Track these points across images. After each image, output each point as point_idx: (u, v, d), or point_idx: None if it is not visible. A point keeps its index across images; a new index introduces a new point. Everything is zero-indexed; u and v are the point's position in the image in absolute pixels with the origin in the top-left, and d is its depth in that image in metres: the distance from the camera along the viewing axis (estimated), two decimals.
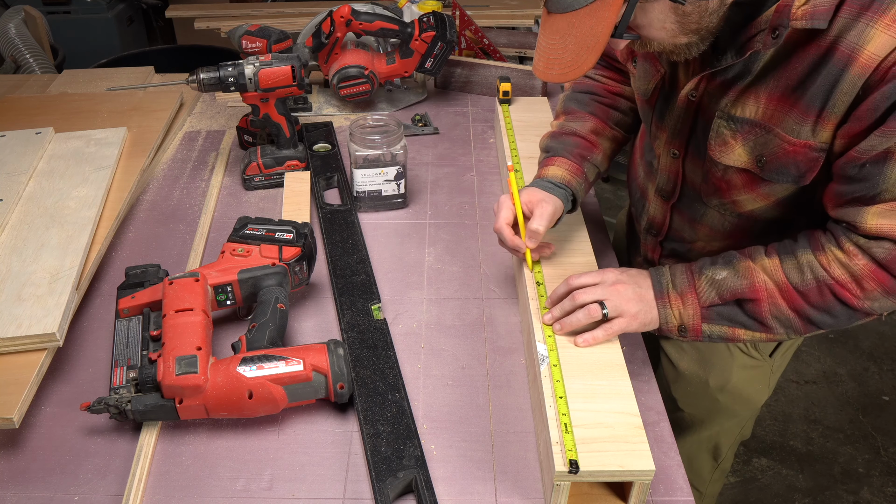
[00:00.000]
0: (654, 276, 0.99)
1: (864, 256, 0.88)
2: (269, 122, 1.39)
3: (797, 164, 0.92)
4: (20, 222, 1.21)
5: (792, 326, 0.94)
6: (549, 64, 0.88)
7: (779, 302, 0.92)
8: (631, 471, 0.80)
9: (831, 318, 0.92)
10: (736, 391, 1.26)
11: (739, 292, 0.93)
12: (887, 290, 0.88)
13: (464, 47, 1.91)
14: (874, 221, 0.87)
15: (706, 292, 0.95)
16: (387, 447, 0.90)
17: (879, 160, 0.84)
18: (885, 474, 2.13)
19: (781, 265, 0.93)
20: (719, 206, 1.05)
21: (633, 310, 0.97)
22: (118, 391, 0.93)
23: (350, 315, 1.10)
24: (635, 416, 0.86)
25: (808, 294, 0.91)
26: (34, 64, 2.33)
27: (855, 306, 0.90)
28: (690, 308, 0.96)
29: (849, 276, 0.89)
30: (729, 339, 0.97)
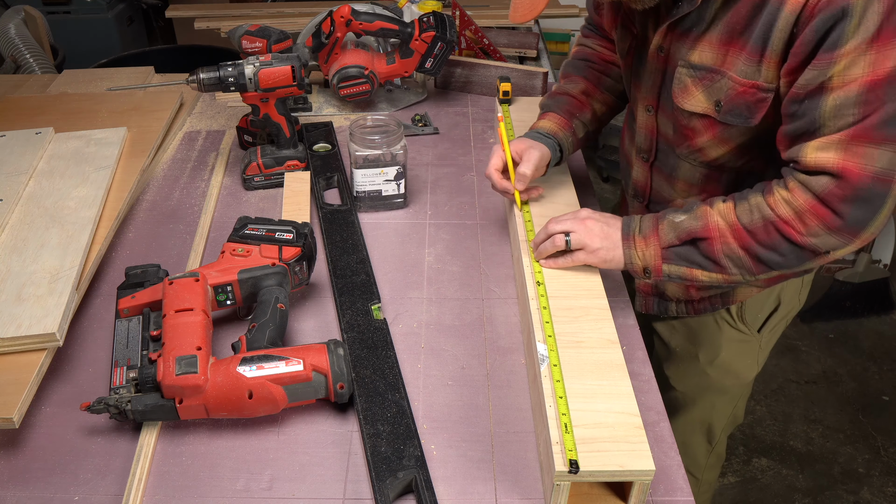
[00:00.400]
0: (625, 221, 1.05)
1: (805, 192, 0.92)
2: (269, 122, 1.39)
3: (747, 105, 0.98)
4: (20, 222, 1.21)
5: (743, 265, 0.98)
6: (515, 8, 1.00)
7: (730, 241, 0.97)
8: (631, 471, 0.80)
9: (779, 256, 0.96)
10: (725, 365, 1.31)
11: (694, 232, 0.99)
12: (827, 224, 0.92)
13: (464, 47, 1.91)
14: (813, 155, 0.91)
15: (666, 234, 1.01)
16: (387, 447, 0.90)
17: (815, 94, 0.89)
18: (885, 474, 2.13)
19: (734, 208, 0.98)
20: (689, 157, 1.11)
21: (596, 244, 1.04)
22: (118, 391, 0.93)
23: (350, 315, 1.10)
24: (635, 416, 0.86)
25: (755, 232, 0.95)
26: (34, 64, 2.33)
27: (799, 242, 0.93)
28: (652, 249, 1.02)
29: (792, 212, 0.93)
30: (687, 279, 1.02)
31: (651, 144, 1.17)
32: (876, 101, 0.87)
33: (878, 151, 0.88)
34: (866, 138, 0.88)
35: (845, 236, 0.92)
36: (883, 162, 0.88)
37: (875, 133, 0.88)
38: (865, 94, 0.87)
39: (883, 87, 0.86)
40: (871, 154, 0.88)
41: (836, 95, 0.88)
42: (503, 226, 1.33)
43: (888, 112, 0.87)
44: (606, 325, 0.99)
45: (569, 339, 0.96)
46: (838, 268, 2.68)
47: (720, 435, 1.45)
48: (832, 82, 0.87)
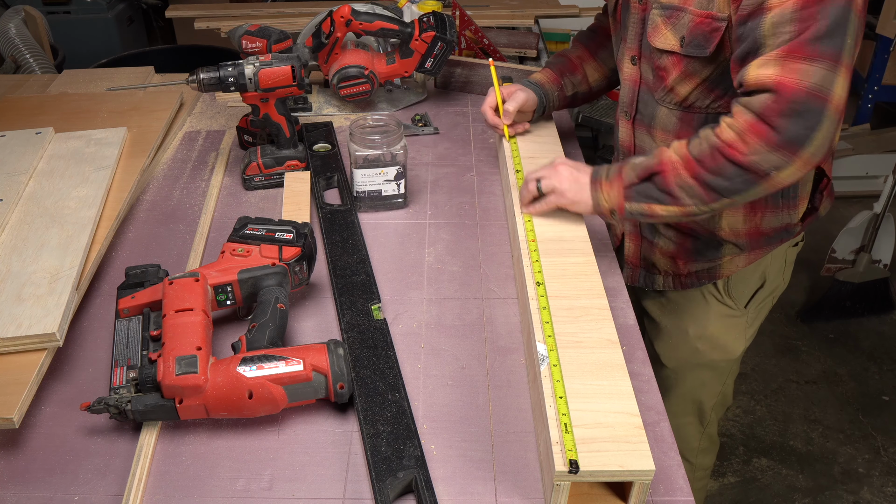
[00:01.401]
0: (595, 169, 1.15)
1: (746, 112, 0.97)
2: (269, 122, 1.39)
3: (704, 35, 1.06)
4: (20, 222, 1.21)
5: (696, 194, 1.04)
6: None
7: (681, 172, 1.04)
8: (631, 471, 0.80)
9: (726, 181, 1.01)
10: (713, 339, 1.37)
11: (651, 168, 1.06)
12: (766, 140, 0.96)
13: (464, 47, 1.91)
14: (754, 73, 0.96)
15: (627, 175, 1.09)
16: (387, 447, 0.90)
17: (756, 15, 0.96)
18: (885, 474, 2.13)
19: (687, 143, 1.05)
20: (664, 99, 1.18)
21: (565, 187, 1.14)
22: (118, 391, 0.93)
23: (350, 315, 1.10)
24: (635, 416, 0.86)
25: (703, 160, 1.01)
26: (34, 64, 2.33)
27: (742, 162, 0.98)
28: (616, 190, 1.10)
29: (735, 134, 0.98)
30: (647, 215, 1.09)
31: (633, 97, 1.25)
32: (809, 18, 0.93)
33: (812, 68, 0.93)
34: (800, 53, 0.93)
35: (784, 153, 0.96)
36: (817, 78, 0.93)
37: (808, 48, 0.93)
38: (799, 11, 0.93)
39: (815, 4, 0.92)
40: (805, 70, 0.93)
41: (773, 14, 0.94)
42: (503, 226, 1.33)
43: (820, 28, 0.93)
44: (606, 325, 0.99)
45: (569, 339, 0.96)
46: (838, 268, 2.68)
47: (711, 415, 1.49)
48: (769, 2, 0.94)
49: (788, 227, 1.27)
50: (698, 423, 1.50)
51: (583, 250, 1.13)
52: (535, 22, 2.46)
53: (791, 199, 1.23)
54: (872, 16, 3.25)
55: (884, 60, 3.45)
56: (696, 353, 1.38)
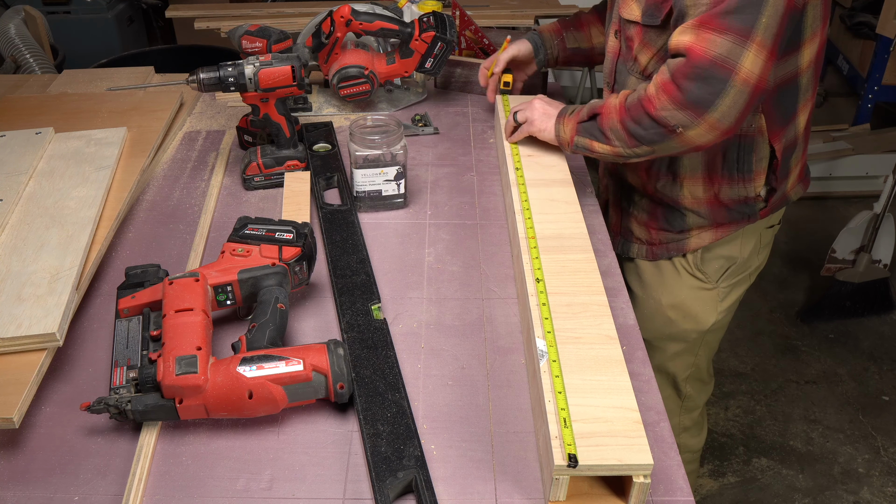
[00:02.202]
0: (563, 108, 1.30)
1: (665, 72, 1.10)
2: (269, 122, 1.39)
3: (656, 5, 1.17)
4: (20, 222, 1.21)
5: (621, 137, 1.17)
6: None
7: (613, 116, 1.18)
8: (629, 465, 0.80)
9: (643, 130, 1.14)
10: (684, 308, 1.45)
11: (594, 109, 1.22)
12: (673, 99, 1.08)
13: (464, 47, 1.91)
14: (675, 39, 1.08)
15: (582, 112, 1.24)
16: (387, 447, 0.90)
17: None
18: (885, 474, 2.13)
19: (629, 94, 1.17)
20: (633, 69, 1.29)
21: (536, 117, 1.32)
22: (118, 391, 0.93)
23: (350, 315, 1.10)
24: (634, 411, 0.86)
25: (630, 109, 1.15)
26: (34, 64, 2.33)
27: (654, 115, 1.11)
28: (571, 124, 1.26)
29: (654, 88, 1.11)
30: (589, 151, 1.24)
31: (612, 67, 1.36)
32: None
33: (720, 39, 1.03)
34: (711, 25, 1.04)
35: (689, 113, 1.08)
36: (723, 49, 1.03)
37: (719, 21, 1.03)
38: None
39: None
40: (714, 40, 1.04)
41: None
42: (503, 226, 1.33)
43: (731, 4, 1.03)
44: (605, 322, 0.99)
45: (568, 335, 0.97)
46: (838, 268, 2.68)
47: (686, 388, 1.57)
48: None
49: (748, 201, 1.32)
50: (676, 396, 1.58)
51: (582, 247, 1.13)
52: (535, 22, 2.47)
53: (746, 174, 1.29)
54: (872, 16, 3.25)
55: (884, 60, 3.45)
56: (669, 323, 1.47)
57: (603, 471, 0.81)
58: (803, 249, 3.02)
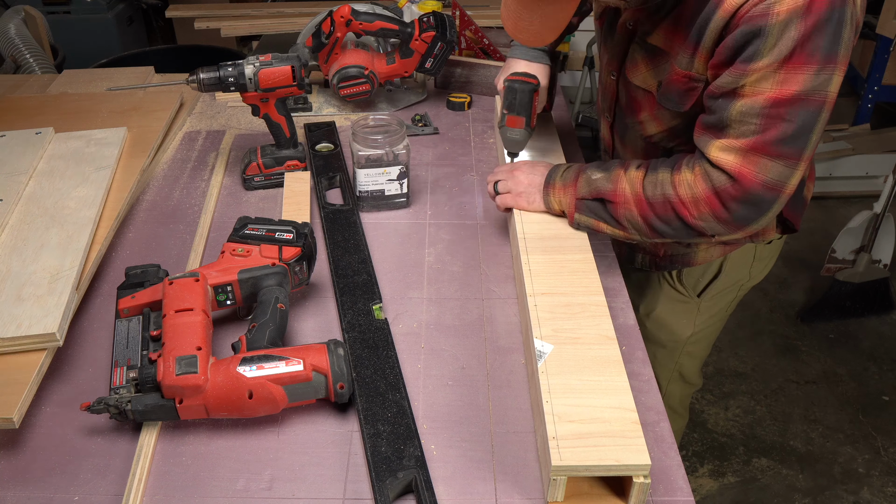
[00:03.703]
0: (550, 172, 1.19)
1: (706, 182, 1.02)
2: (270, 122, 1.39)
3: (679, 92, 1.08)
4: (20, 222, 1.21)
5: (639, 229, 1.10)
6: (518, 28, 1.03)
7: (631, 208, 1.09)
8: (627, 465, 0.80)
9: (670, 229, 1.07)
10: (660, 320, 1.43)
11: (604, 193, 1.11)
12: (716, 215, 1.02)
13: (464, 47, 1.91)
14: (716, 154, 1.00)
15: (582, 187, 1.13)
16: (387, 447, 0.90)
17: (728, 96, 0.97)
18: (885, 474, 2.13)
19: (643, 179, 1.08)
20: (634, 126, 1.22)
21: (519, 189, 1.21)
22: (118, 391, 0.93)
23: (351, 315, 1.10)
24: (632, 411, 0.86)
25: (655, 206, 1.07)
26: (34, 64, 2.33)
27: (689, 223, 1.05)
28: (569, 198, 1.15)
29: (690, 196, 1.03)
30: (594, 230, 1.15)
31: (611, 106, 1.28)
32: (777, 117, 0.95)
33: (771, 163, 0.97)
34: (763, 151, 0.97)
35: (730, 227, 1.04)
36: (774, 174, 0.98)
37: (772, 148, 0.96)
38: (769, 108, 0.95)
39: (786, 105, 0.94)
40: (765, 165, 0.98)
41: (743, 102, 0.96)
42: (503, 226, 1.33)
43: (786, 131, 0.95)
44: (604, 322, 0.99)
45: (567, 336, 0.97)
46: (838, 268, 2.68)
47: (667, 387, 1.54)
48: (743, 90, 0.96)
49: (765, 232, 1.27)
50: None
51: (580, 248, 1.13)
52: None
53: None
54: (872, 16, 3.25)
55: (884, 60, 3.45)
56: (645, 330, 1.41)
57: (601, 471, 0.81)
58: (803, 249, 3.02)
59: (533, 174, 1.21)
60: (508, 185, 1.22)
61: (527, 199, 1.20)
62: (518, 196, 1.21)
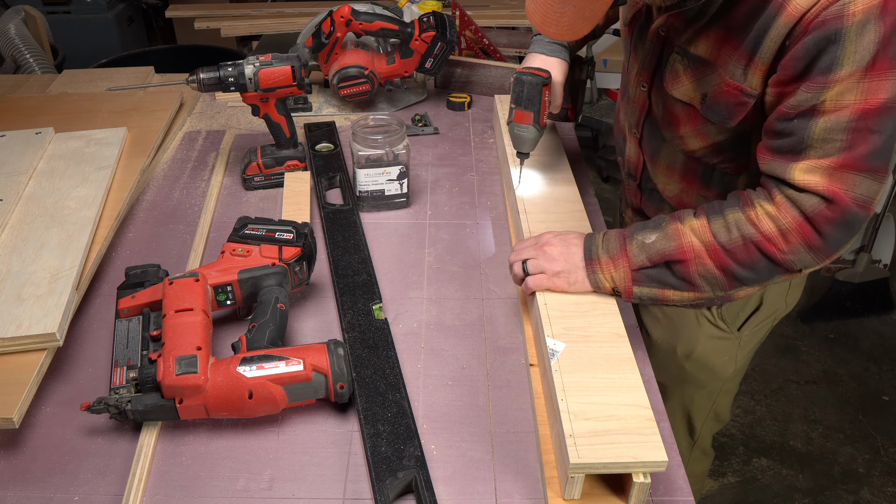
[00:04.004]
0: (587, 243, 1.03)
1: (793, 209, 0.91)
2: (270, 122, 1.39)
3: (728, 105, 0.98)
4: (20, 222, 1.21)
5: (718, 284, 0.97)
6: (546, 21, 0.91)
7: (706, 261, 0.96)
8: (644, 462, 0.81)
9: (754, 274, 0.95)
10: (702, 360, 1.31)
11: (668, 254, 0.97)
12: (809, 243, 0.92)
13: (464, 47, 1.91)
14: (801, 177, 0.90)
15: (636, 256, 0.99)
16: (387, 447, 0.90)
17: (806, 115, 0.88)
18: (885, 474, 2.13)
19: (709, 225, 0.96)
20: (671, 140, 1.12)
21: (556, 268, 1.02)
22: (118, 391, 0.93)
23: (351, 315, 1.10)
24: (646, 408, 0.86)
25: (734, 251, 0.94)
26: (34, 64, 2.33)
27: (778, 260, 0.93)
28: (622, 271, 1.00)
29: (776, 229, 0.92)
30: (659, 301, 1.01)
31: (639, 120, 1.17)
32: (865, 130, 0.87)
33: (860, 179, 0.89)
34: (853, 167, 0.88)
35: (821, 255, 0.93)
36: (864, 189, 0.89)
37: (862, 162, 0.88)
38: (856, 121, 0.86)
39: (874, 116, 0.86)
40: (855, 181, 0.89)
41: (826, 119, 0.87)
42: (503, 226, 1.33)
43: (875, 143, 0.87)
44: (614, 320, 1.00)
45: (577, 334, 0.97)
46: (838, 268, 2.68)
47: (701, 429, 1.46)
48: (824, 106, 0.87)
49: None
50: (688, 435, 1.47)
51: None
52: None
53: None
54: None
55: None
56: (684, 372, 1.34)
57: (618, 468, 0.81)
58: None
59: (567, 247, 1.03)
60: (540, 264, 1.03)
61: (567, 280, 1.02)
62: (556, 277, 1.02)
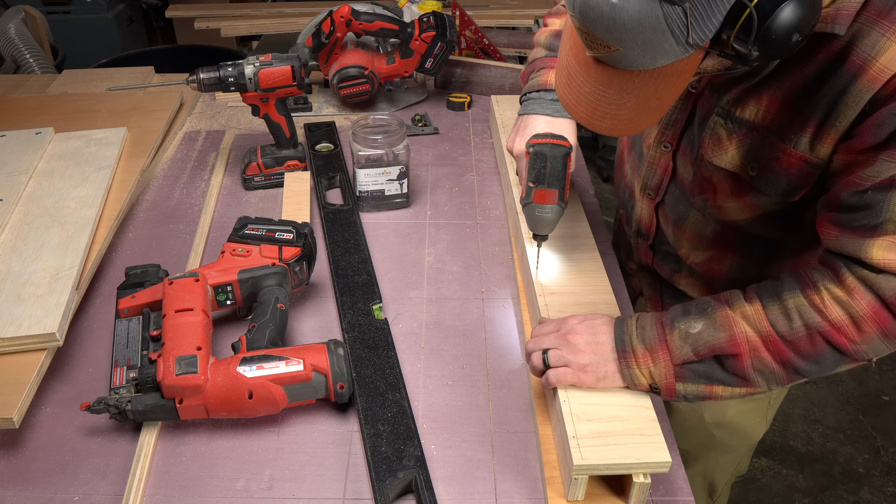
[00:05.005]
0: (618, 331, 0.89)
1: (868, 293, 0.79)
2: (270, 122, 1.39)
3: (789, 177, 0.87)
4: (20, 222, 1.21)
5: (775, 379, 0.84)
6: (595, 114, 0.78)
7: (763, 355, 0.83)
8: (648, 462, 0.81)
9: (818, 368, 0.83)
10: (732, 425, 1.22)
11: (718, 347, 0.83)
12: (886, 332, 0.79)
13: (464, 47, 1.91)
14: (880, 255, 0.78)
15: (679, 348, 0.85)
16: (387, 447, 0.90)
17: (884, 187, 0.76)
18: (885, 474, 2.13)
19: (765, 311, 0.83)
20: (704, 208, 1.00)
21: (583, 361, 0.88)
22: (118, 391, 0.93)
23: (351, 315, 1.10)
24: (649, 409, 0.87)
25: (797, 343, 0.81)
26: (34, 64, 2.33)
27: (848, 351, 0.81)
28: (662, 367, 0.85)
29: (847, 316, 0.79)
30: (705, 398, 0.87)
31: (660, 184, 1.06)
32: None
33: None
34: None
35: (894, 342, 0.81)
36: None
37: None
38: None
39: None
40: None
41: None
42: (503, 226, 1.33)
43: None
44: (610, 309, 1.00)
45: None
46: None
47: (722, 489, 1.38)
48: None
49: None
50: (707, 496, 1.37)
51: (587, 246, 1.13)
52: (534, 22, 2.47)
53: None
54: None
55: None
56: (712, 439, 1.24)
57: (621, 469, 0.81)
58: None
59: (595, 335, 0.89)
60: (564, 355, 0.89)
61: (595, 375, 0.87)
62: (583, 371, 0.88)
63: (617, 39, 0.68)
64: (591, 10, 0.68)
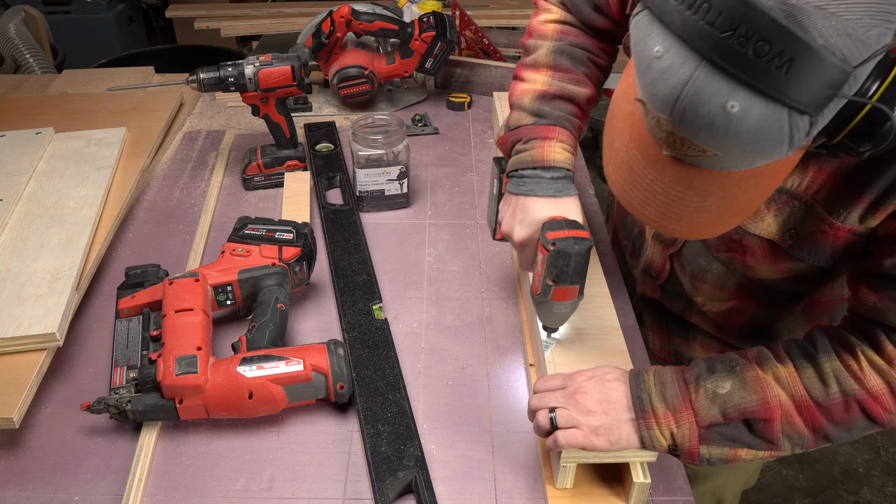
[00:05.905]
0: (634, 387, 0.81)
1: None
2: (270, 122, 1.39)
3: (834, 249, 0.81)
4: (20, 222, 1.21)
5: (802, 443, 0.79)
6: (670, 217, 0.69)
7: (794, 420, 0.77)
8: (635, 452, 0.81)
9: (847, 434, 0.79)
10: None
11: (750, 411, 0.77)
12: None
13: (464, 47, 1.91)
14: None
15: (706, 409, 0.78)
16: (387, 447, 0.90)
17: None
18: (885, 474, 2.13)
19: (799, 374, 0.78)
20: (728, 263, 0.94)
21: (594, 423, 0.80)
22: (118, 391, 0.93)
23: (351, 315, 1.10)
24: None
25: (832, 409, 0.77)
26: (34, 64, 2.33)
27: (881, 420, 0.77)
28: (686, 428, 0.78)
29: (885, 386, 0.75)
30: (728, 461, 0.80)
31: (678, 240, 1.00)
32: None
33: None
34: None
35: None
36: None
37: None
38: None
39: None
40: None
41: None
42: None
43: None
44: (608, 313, 1.00)
45: (572, 327, 0.97)
46: None
47: (731, 502, 1.35)
48: None
49: None
50: None
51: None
52: None
53: None
54: None
55: None
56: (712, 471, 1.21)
57: (609, 458, 0.82)
58: None
59: (607, 393, 0.81)
60: (573, 416, 0.81)
61: (608, 438, 0.80)
62: (595, 434, 0.80)
63: (721, 146, 0.59)
64: (699, 118, 0.58)
